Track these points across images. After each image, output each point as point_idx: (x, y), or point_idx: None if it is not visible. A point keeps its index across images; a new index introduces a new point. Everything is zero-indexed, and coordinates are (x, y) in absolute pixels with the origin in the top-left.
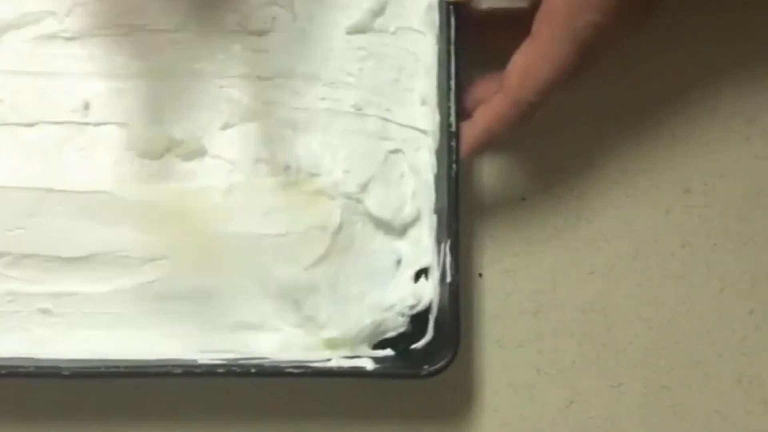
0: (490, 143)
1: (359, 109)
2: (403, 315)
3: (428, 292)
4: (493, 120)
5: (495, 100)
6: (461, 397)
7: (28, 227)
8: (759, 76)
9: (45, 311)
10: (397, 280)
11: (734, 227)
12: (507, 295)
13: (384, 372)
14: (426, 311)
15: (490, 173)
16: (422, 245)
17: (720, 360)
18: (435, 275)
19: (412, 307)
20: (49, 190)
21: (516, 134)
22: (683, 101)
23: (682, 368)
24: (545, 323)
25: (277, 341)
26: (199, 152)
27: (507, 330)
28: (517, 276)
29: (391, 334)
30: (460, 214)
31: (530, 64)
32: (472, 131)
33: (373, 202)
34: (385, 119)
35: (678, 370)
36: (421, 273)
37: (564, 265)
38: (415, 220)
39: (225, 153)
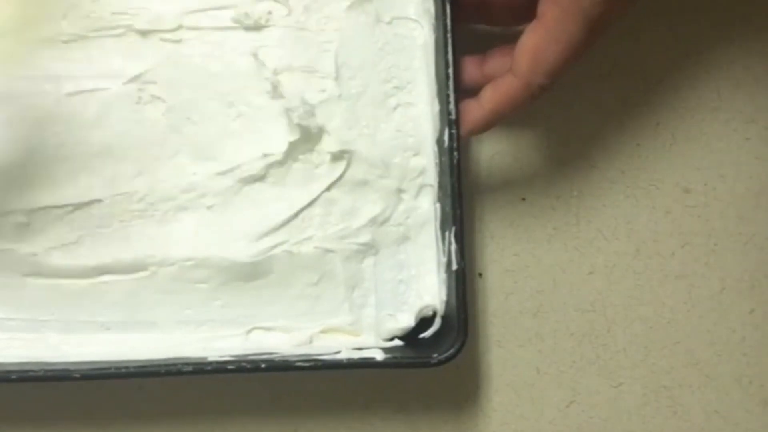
0: (496, 123)
1: (358, 100)
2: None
3: (434, 282)
4: (502, 101)
5: (505, 81)
6: (461, 397)
7: (38, 236)
8: (759, 76)
9: (54, 315)
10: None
11: (734, 227)
12: (507, 295)
13: (394, 362)
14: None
15: (490, 173)
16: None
17: (720, 360)
18: (441, 264)
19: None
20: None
21: (516, 134)
22: (683, 102)
23: (682, 368)
24: (545, 323)
25: (293, 338)
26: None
27: (507, 330)
28: (517, 276)
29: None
30: (463, 201)
31: (539, 46)
32: (479, 110)
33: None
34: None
35: (678, 370)
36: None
37: (564, 265)
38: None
39: (233, 151)
